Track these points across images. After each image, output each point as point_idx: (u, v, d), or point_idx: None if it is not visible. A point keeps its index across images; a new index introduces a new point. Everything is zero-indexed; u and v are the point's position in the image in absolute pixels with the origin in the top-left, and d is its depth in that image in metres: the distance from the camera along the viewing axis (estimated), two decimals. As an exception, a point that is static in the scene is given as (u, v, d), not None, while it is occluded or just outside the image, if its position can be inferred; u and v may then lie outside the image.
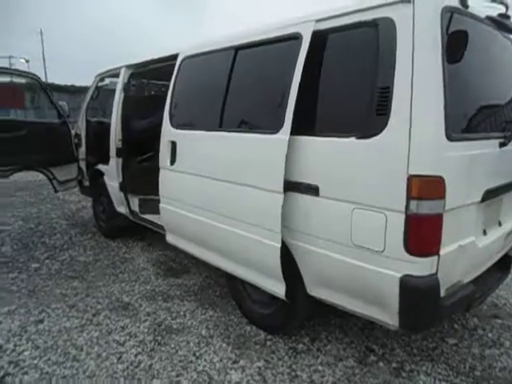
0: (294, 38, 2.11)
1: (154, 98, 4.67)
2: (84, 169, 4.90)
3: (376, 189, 1.76)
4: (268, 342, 2.50)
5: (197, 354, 2.38)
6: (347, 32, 1.91)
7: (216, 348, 2.44)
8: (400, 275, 1.72)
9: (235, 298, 2.83)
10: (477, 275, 2.09)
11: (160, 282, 3.40)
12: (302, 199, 2.07)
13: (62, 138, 4.57)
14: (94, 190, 4.70)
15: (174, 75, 2.97)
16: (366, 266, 1.84)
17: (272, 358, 2.35)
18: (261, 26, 2.36)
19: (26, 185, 7.55)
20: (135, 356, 2.36)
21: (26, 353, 2.39)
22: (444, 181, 1.66)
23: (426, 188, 1.65)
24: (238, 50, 2.44)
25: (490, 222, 2.15)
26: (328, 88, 1.99)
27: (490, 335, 2.62)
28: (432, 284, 1.70)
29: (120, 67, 3.96)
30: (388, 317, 1.85)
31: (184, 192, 2.81)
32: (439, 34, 1.65)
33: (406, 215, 1.67)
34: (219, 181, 2.45)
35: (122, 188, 3.96)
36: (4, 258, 3.91)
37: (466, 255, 1.88)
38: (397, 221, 1.69)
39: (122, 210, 4.09)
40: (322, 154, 1.96)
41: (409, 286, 1.70)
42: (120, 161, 3.92)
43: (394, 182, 1.69)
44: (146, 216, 3.92)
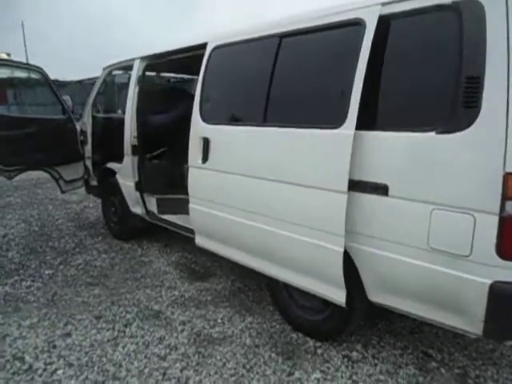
0: (354, 24, 1.93)
1: (170, 90, 4.45)
2: (90, 167, 4.66)
3: (462, 188, 1.62)
4: (319, 351, 2.36)
5: (247, 366, 2.22)
6: (420, 16, 1.75)
7: (265, 359, 2.29)
8: (490, 281, 1.59)
9: (277, 304, 2.68)
10: None
11: (187, 286, 3.22)
12: (365, 199, 1.91)
13: (68, 135, 4.32)
14: (103, 190, 4.46)
15: (203, 66, 2.76)
16: (445, 271, 1.70)
17: (328, 368, 2.21)
18: (310, 12, 2.17)
19: (21, 184, 7.19)
20: (181, 371, 2.18)
21: (59, 372, 2.19)
22: None
23: None
24: (284, 37, 2.25)
25: None
26: (399, 79, 1.83)
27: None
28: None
29: (133, 59, 3.71)
30: (468, 324, 1.72)
31: (220, 192, 2.63)
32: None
33: (501, 217, 1.53)
34: (267, 180, 2.27)
35: (138, 187, 3.74)
36: (13, 265, 3.66)
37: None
38: (488, 223, 1.56)
39: (138, 210, 3.88)
40: (393, 150, 1.80)
41: (500, 293, 1.57)
42: (136, 159, 3.69)
43: (486, 181, 1.55)
44: (165, 216, 3.72)
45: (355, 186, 1.91)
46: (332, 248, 2.00)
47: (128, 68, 4.00)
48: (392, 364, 2.23)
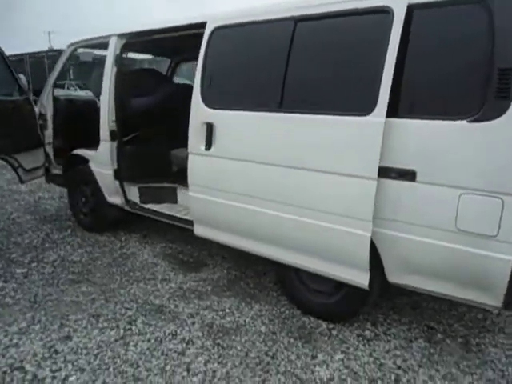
0: (381, 11, 1.95)
1: (152, 71, 4.16)
2: (51, 154, 4.25)
3: (492, 173, 1.74)
4: (333, 332, 2.43)
5: (269, 353, 2.23)
6: (452, 7, 1.81)
7: (286, 344, 2.31)
8: (513, 258, 1.74)
9: (287, 290, 2.70)
10: None
11: (182, 278, 3.11)
12: (392, 185, 1.97)
13: (27, 118, 3.88)
14: (71, 179, 4.10)
15: (203, 48, 2.62)
16: (472, 250, 1.83)
17: (347, 348, 2.29)
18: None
19: (-47, 174, 6.36)
20: (205, 365, 2.13)
21: (71, 378, 2.02)
22: None
23: None
24: (301, 21, 2.21)
25: None
26: (430, 69, 1.88)
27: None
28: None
29: (108, 36, 3.40)
30: (490, 298, 1.88)
31: (229, 180, 2.55)
32: None
33: (528, 200, 1.67)
34: (286, 167, 2.24)
35: (118, 176, 3.50)
36: (-25, 266, 3.26)
37: None
38: (516, 205, 1.70)
39: (116, 200, 3.63)
40: (422, 137, 1.87)
41: (523, 268, 1.74)
42: (114, 145, 3.43)
43: (516, 167, 1.68)
44: (148, 206, 3.54)
45: (382, 172, 1.96)
46: (359, 233, 2.05)
47: (100, 46, 3.67)
48: (403, 339, 2.37)
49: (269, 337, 2.38)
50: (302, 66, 2.20)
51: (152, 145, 3.74)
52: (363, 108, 1.96)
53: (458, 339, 2.39)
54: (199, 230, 2.90)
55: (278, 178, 2.30)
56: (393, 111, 1.90)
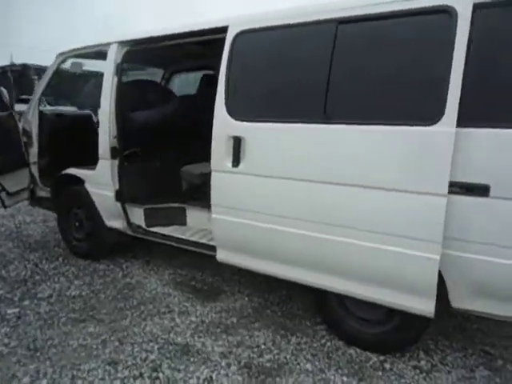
0: (441, 11, 1.78)
1: (154, 82, 3.84)
2: (37, 175, 3.85)
3: None
4: (386, 365, 2.19)
5: (324, 396, 1.96)
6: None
7: (339, 384, 2.04)
8: None
9: (326, 318, 2.44)
10: None
11: (200, 309, 2.78)
12: (461, 201, 1.78)
13: (10, 135, 3.48)
14: (61, 202, 3.69)
15: (226, 54, 2.37)
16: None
17: (407, 383, 2.05)
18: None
19: None
20: (256, 417, 1.82)
21: None
22: None
23: None
24: (345, 23, 2.01)
25: None
26: (499, 73, 1.72)
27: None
28: None
29: (107, 44, 3.09)
30: None
31: (260, 200, 2.28)
32: None
33: None
34: (331, 184, 2.01)
35: (119, 197, 3.15)
36: (-44, 307, 2.80)
37: None
38: None
39: (117, 224, 3.28)
40: (496, 148, 1.70)
41: None
42: (116, 163, 3.09)
43: None
44: (155, 229, 3.21)
45: (450, 187, 1.77)
46: (425, 256, 1.84)
47: (96, 55, 3.35)
48: (463, 368, 2.17)
49: (318, 376, 2.10)
50: (349, 73, 2.00)
51: (158, 162, 3.43)
52: (428, 117, 1.77)
53: (519, 364, 2.21)
54: (223, 256, 2.60)
55: (325, 197, 2.06)
56: (462, 119, 1.72)
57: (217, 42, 2.61)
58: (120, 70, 3.03)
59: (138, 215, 3.26)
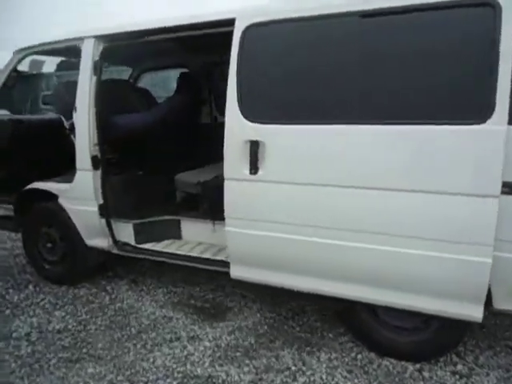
0: (481, 4, 1.70)
1: (126, 83, 3.44)
2: (-6, 191, 3.32)
3: None
4: (425, 374, 2.10)
5: (377, 419, 1.81)
6: None
7: (387, 402, 1.91)
8: None
9: (356, 329, 2.30)
10: None
11: (211, 331, 2.52)
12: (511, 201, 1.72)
13: None
14: (27, 221, 3.20)
15: (235, 50, 2.13)
16: None
17: (453, 391, 1.97)
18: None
19: None
20: None
21: None
22: None
23: None
24: (370, 16, 1.86)
25: None
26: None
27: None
28: None
29: (79, 38, 2.69)
30: None
31: (289, 210, 2.08)
32: None
33: None
34: (366, 189, 1.87)
35: (104, 212, 2.78)
36: None
37: None
38: None
39: (101, 242, 2.90)
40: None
41: None
42: (98, 174, 2.72)
43: None
44: (146, 246, 2.88)
45: (503, 187, 1.70)
46: (475, 260, 1.76)
47: (62, 52, 2.93)
48: (499, 368, 2.14)
49: (362, 395, 1.96)
50: (390, 69, 1.85)
51: (147, 170, 3.07)
52: (477, 115, 1.68)
53: (546, 357, 2.23)
54: (237, 272, 2.36)
55: (363, 204, 1.91)
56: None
57: (209, 36, 2.39)
58: (100, 68, 2.65)
59: (125, 231, 2.91)
